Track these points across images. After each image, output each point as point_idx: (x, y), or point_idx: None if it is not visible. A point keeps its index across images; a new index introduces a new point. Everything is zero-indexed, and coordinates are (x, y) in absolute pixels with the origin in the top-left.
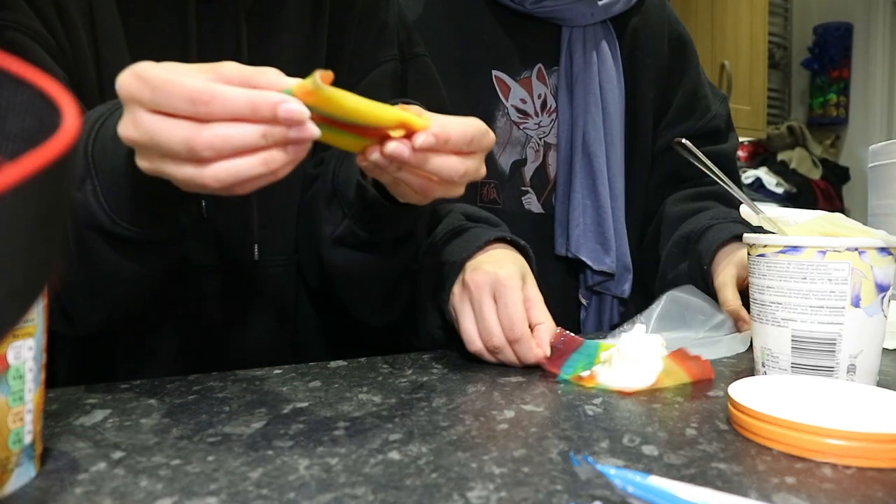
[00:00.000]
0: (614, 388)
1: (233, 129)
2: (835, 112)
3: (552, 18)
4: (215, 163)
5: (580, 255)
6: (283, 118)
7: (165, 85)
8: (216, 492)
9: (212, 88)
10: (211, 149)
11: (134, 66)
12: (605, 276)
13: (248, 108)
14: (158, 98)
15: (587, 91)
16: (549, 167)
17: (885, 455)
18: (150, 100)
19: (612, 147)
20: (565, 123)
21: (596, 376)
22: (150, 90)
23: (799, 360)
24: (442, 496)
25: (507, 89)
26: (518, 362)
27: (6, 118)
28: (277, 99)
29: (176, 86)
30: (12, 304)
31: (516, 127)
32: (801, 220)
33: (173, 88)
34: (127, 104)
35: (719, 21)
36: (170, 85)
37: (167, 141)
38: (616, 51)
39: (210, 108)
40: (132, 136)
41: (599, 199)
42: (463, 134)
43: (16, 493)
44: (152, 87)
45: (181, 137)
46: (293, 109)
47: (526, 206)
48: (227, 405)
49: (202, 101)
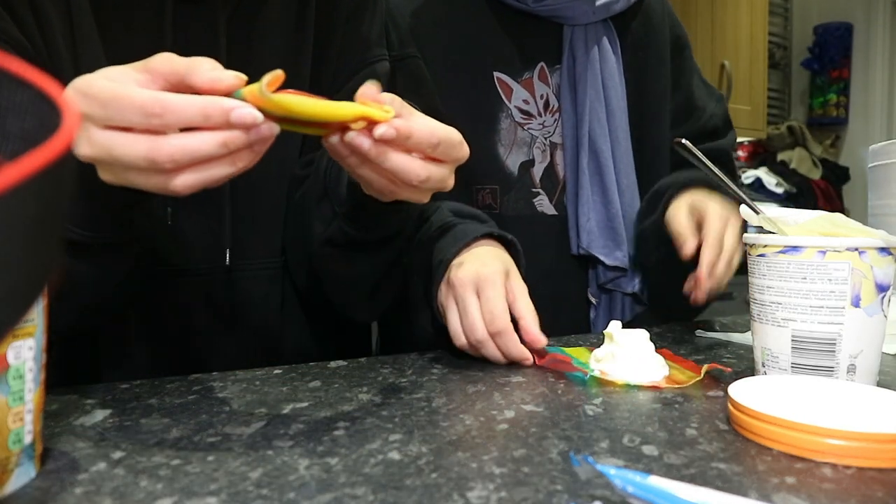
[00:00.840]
0: (635, 383)
1: (193, 140)
2: (835, 112)
3: (554, 17)
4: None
5: (592, 250)
6: (237, 124)
7: (115, 100)
8: (216, 492)
9: (162, 99)
10: (173, 161)
11: (75, 83)
12: (618, 271)
13: (201, 116)
14: (110, 113)
15: (590, 88)
16: (558, 167)
17: (885, 455)
18: (102, 116)
19: (617, 143)
20: (570, 122)
21: (607, 374)
22: (99, 106)
23: (799, 360)
24: (442, 496)
25: (510, 91)
26: (502, 357)
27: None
28: (229, 105)
29: (126, 99)
30: (12, 304)
31: (520, 128)
32: (801, 220)
33: (123, 102)
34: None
35: (719, 21)
36: (119, 99)
37: (126, 156)
38: (617, 48)
39: (164, 120)
40: (89, 153)
41: (608, 195)
42: (429, 135)
43: (16, 493)
44: (101, 102)
45: (141, 153)
46: (245, 114)
47: (539, 209)
48: (227, 405)
49: (154, 113)
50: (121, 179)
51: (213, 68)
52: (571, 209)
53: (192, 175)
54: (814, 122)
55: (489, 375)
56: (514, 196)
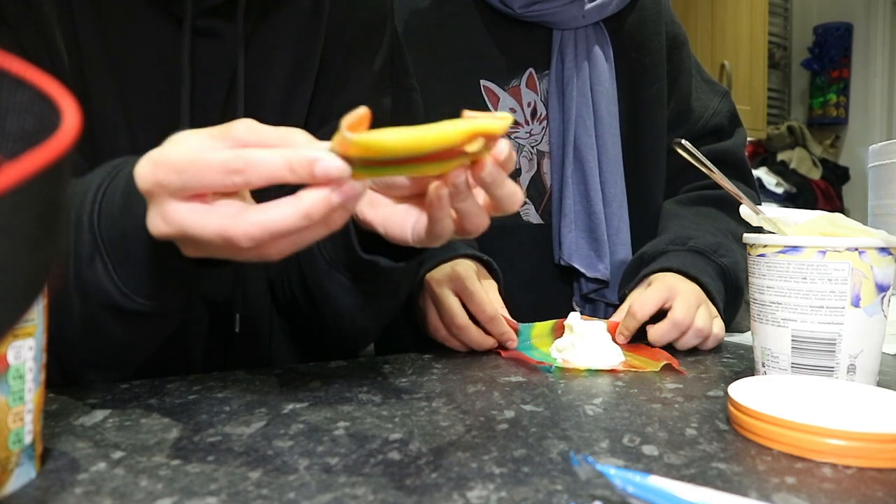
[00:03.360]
0: (596, 367)
1: (271, 213)
2: (835, 112)
3: (543, 22)
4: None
5: (573, 262)
6: (321, 177)
7: (193, 165)
8: (216, 492)
9: (243, 155)
10: (250, 239)
11: (150, 155)
12: (600, 283)
13: (286, 169)
14: (187, 180)
15: (578, 95)
16: (545, 176)
17: (885, 455)
18: (178, 185)
19: (604, 151)
20: (557, 129)
21: (570, 362)
22: (176, 174)
23: (799, 360)
24: (442, 496)
25: (496, 99)
26: (483, 343)
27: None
28: (315, 156)
29: (204, 162)
30: (12, 304)
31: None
32: (801, 220)
33: (203, 165)
34: (152, 196)
35: (719, 21)
36: (198, 163)
37: (202, 233)
38: (609, 52)
39: (247, 177)
40: (165, 231)
41: (591, 205)
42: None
43: (16, 493)
44: (178, 170)
45: (216, 230)
46: (330, 167)
47: (524, 218)
48: (227, 405)
49: (236, 169)
50: (207, 254)
51: (308, 141)
52: (556, 219)
53: (286, 243)
54: (814, 122)
55: (489, 375)
56: None
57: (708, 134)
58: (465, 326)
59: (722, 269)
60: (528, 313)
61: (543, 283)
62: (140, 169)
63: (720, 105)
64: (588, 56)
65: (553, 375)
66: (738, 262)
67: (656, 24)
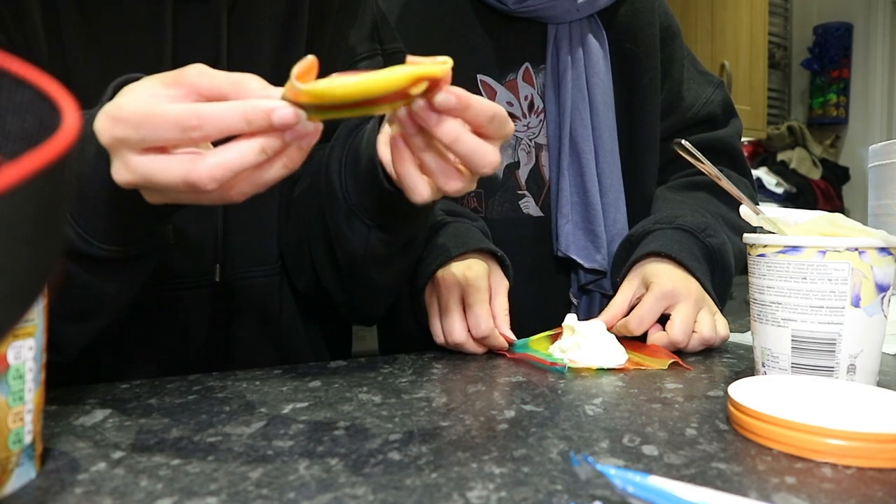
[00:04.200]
0: (606, 366)
1: (229, 154)
2: (835, 112)
3: (537, 17)
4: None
5: (570, 253)
6: (279, 125)
7: (149, 119)
8: (216, 492)
9: (198, 110)
10: (213, 181)
11: (106, 109)
12: (597, 274)
13: (242, 122)
14: (145, 134)
15: (574, 87)
16: (544, 168)
17: (885, 455)
18: (137, 139)
19: (600, 142)
20: (553, 122)
21: (577, 362)
22: (133, 128)
23: (799, 360)
24: (442, 496)
25: (493, 93)
26: (475, 352)
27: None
28: (269, 106)
29: (160, 117)
30: (12, 304)
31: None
32: (801, 220)
33: (158, 120)
34: (113, 149)
35: (719, 21)
36: (153, 118)
37: (166, 181)
38: (604, 43)
39: (204, 131)
40: (129, 180)
41: (588, 197)
42: (487, 106)
43: (16, 493)
44: (134, 124)
45: (179, 176)
46: (287, 114)
47: (524, 211)
48: (227, 405)
49: (192, 125)
50: (171, 200)
51: (262, 87)
52: (554, 211)
53: (246, 184)
54: (814, 122)
55: (489, 375)
56: (499, 199)
57: (700, 123)
58: (461, 344)
59: (708, 249)
60: (528, 305)
61: (543, 275)
62: (98, 125)
63: (713, 94)
64: (583, 48)
65: (555, 375)
66: (725, 243)
67: (650, 14)
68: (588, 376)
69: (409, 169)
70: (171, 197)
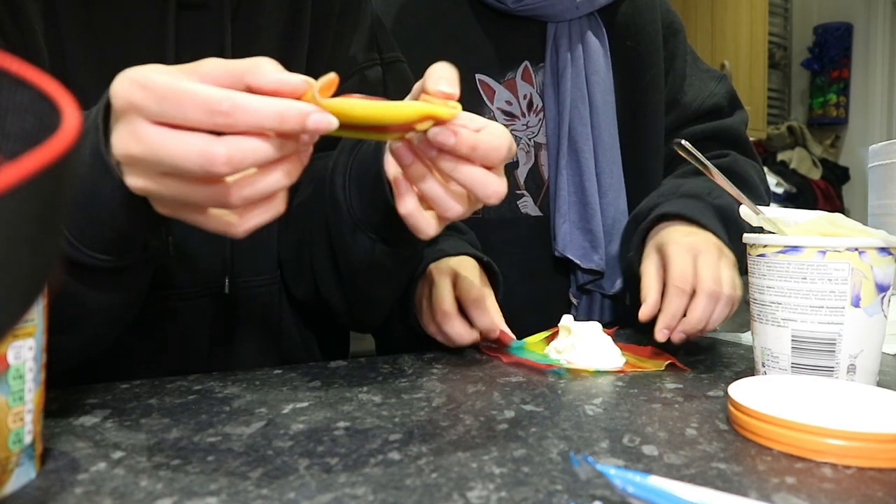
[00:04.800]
0: (603, 369)
1: (247, 141)
2: (835, 112)
3: (536, 16)
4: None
5: (567, 253)
6: (313, 130)
7: (176, 94)
8: (216, 492)
9: (233, 97)
10: (229, 164)
11: (130, 73)
12: (595, 274)
13: (276, 119)
14: (167, 108)
15: (573, 86)
16: (543, 168)
17: (885, 455)
18: (157, 111)
19: (600, 140)
20: (552, 121)
21: (573, 363)
22: (156, 99)
23: (799, 360)
24: (442, 496)
25: (492, 92)
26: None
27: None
28: (307, 109)
29: (189, 94)
30: (12, 304)
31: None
32: (801, 220)
33: (185, 97)
34: (125, 114)
35: (719, 21)
36: (182, 94)
37: (177, 156)
38: (605, 42)
39: (232, 120)
40: (132, 150)
41: (586, 196)
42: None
43: (16, 493)
44: (159, 96)
45: (196, 152)
46: (321, 120)
47: (523, 210)
48: (227, 405)
49: (222, 111)
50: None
51: (278, 70)
52: (552, 211)
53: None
54: (814, 122)
55: (489, 375)
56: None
57: (705, 114)
58: (448, 313)
59: (718, 209)
60: (527, 305)
61: (542, 275)
62: (117, 86)
63: (717, 87)
64: (583, 46)
65: (553, 376)
66: (733, 204)
67: (651, 11)
68: (587, 376)
69: (411, 209)
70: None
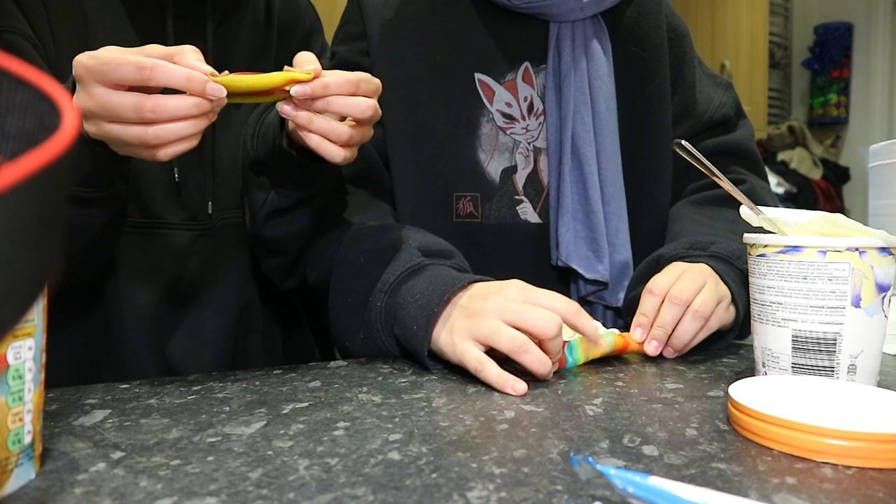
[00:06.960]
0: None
1: (172, 100)
2: (835, 112)
3: (539, 14)
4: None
5: (571, 263)
6: (209, 93)
7: (116, 60)
8: (216, 492)
9: (153, 61)
10: (154, 111)
11: (89, 52)
12: (598, 284)
13: (184, 79)
14: (108, 70)
15: (576, 90)
16: (542, 173)
17: (885, 455)
18: (100, 72)
19: (603, 147)
20: (554, 125)
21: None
22: (101, 64)
23: (799, 360)
24: (442, 496)
25: (492, 93)
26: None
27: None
28: (206, 78)
29: (124, 60)
30: (12, 304)
31: (503, 132)
32: (801, 220)
33: (123, 61)
34: (82, 80)
35: (719, 21)
36: (120, 59)
37: (118, 106)
38: (608, 46)
39: (154, 74)
40: (86, 104)
41: (590, 204)
42: (344, 81)
43: (16, 493)
44: (103, 62)
45: (130, 102)
46: (216, 88)
47: (522, 217)
48: (227, 405)
49: (147, 67)
50: (103, 130)
51: (197, 57)
52: (553, 218)
53: (166, 128)
54: (814, 122)
55: None
56: (495, 204)
57: (716, 125)
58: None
59: (743, 274)
60: None
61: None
62: (77, 59)
63: (725, 97)
64: (586, 50)
65: (553, 375)
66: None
67: (656, 16)
68: (588, 375)
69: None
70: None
